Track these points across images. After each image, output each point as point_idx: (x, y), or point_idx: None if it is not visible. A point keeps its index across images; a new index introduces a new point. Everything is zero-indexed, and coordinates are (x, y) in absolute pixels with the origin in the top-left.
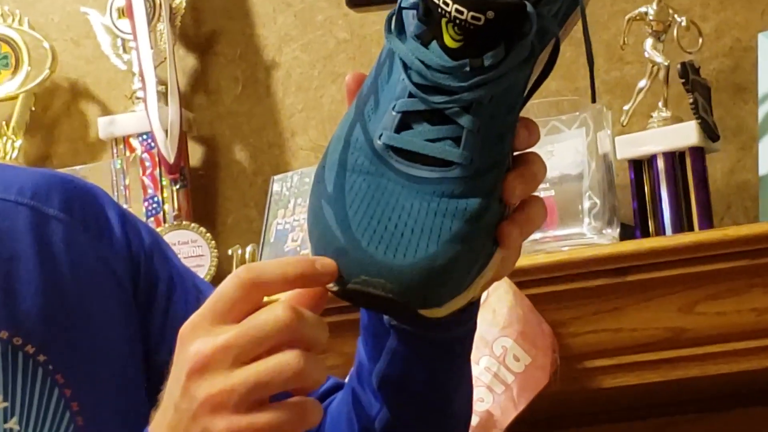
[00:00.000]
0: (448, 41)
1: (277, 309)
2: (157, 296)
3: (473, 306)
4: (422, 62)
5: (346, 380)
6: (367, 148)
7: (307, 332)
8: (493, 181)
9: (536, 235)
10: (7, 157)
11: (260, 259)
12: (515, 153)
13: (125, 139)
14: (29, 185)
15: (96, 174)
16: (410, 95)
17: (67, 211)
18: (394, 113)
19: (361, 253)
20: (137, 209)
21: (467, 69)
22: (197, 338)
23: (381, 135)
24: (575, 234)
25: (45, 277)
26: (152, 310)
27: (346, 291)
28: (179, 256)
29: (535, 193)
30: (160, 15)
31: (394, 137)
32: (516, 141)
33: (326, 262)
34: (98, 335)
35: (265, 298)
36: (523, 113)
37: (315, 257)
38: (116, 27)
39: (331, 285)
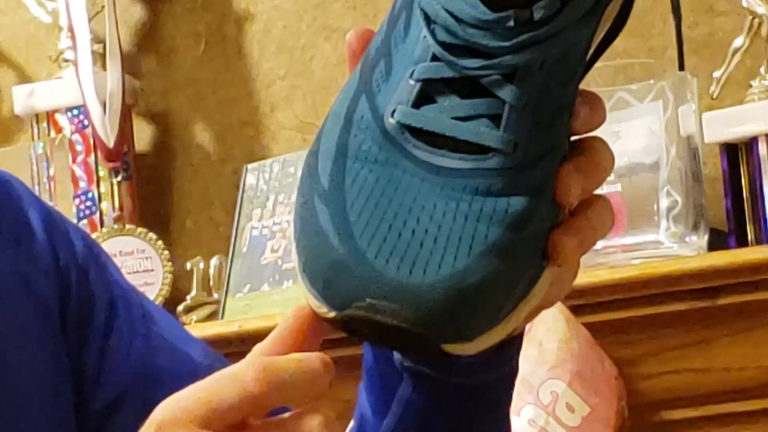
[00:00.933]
0: None
1: (313, 423)
2: (93, 326)
3: (514, 341)
4: (451, 14)
5: None
6: (376, 128)
7: None
8: (543, 176)
9: (597, 244)
10: None
11: (228, 275)
12: (572, 138)
13: (49, 115)
14: None
15: (9, 161)
16: (434, 58)
17: None
18: (412, 82)
19: (366, 269)
20: (65, 208)
21: (511, 24)
22: None
23: (394, 111)
24: (649, 242)
25: None
26: (86, 344)
27: (345, 318)
28: (122, 270)
29: (598, 191)
30: None
31: (412, 114)
32: (575, 122)
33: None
34: (14, 378)
35: None
36: (582, 84)
37: (316, 356)
38: None
39: (325, 310)
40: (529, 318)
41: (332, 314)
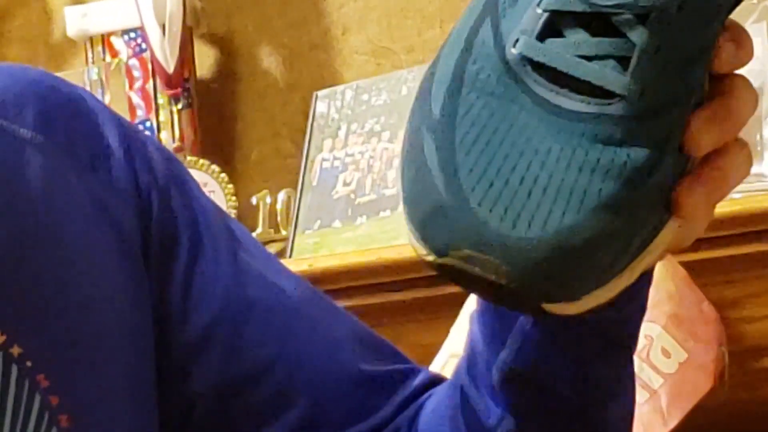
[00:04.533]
0: None
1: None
2: (176, 256)
3: (643, 276)
4: None
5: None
6: (496, 57)
7: None
8: (670, 124)
9: None
10: None
11: (297, 210)
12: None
13: (104, 39)
14: None
15: None
16: None
17: (46, 130)
18: (539, 11)
19: (467, 217)
20: None
21: None
22: None
23: (517, 41)
24: (751, 175)
25: (14, 230)
26: (170, 277)
27: (443, 265)
28: None
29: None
30: None
31: (536, 47)
32: (716, 60)
33: None
34: (94, 322)
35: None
36: None
37: None
38: None
39: (424, 252)
40: (648, 269)
41: (430, 258)
